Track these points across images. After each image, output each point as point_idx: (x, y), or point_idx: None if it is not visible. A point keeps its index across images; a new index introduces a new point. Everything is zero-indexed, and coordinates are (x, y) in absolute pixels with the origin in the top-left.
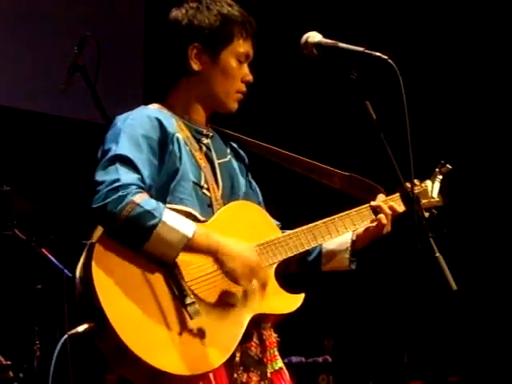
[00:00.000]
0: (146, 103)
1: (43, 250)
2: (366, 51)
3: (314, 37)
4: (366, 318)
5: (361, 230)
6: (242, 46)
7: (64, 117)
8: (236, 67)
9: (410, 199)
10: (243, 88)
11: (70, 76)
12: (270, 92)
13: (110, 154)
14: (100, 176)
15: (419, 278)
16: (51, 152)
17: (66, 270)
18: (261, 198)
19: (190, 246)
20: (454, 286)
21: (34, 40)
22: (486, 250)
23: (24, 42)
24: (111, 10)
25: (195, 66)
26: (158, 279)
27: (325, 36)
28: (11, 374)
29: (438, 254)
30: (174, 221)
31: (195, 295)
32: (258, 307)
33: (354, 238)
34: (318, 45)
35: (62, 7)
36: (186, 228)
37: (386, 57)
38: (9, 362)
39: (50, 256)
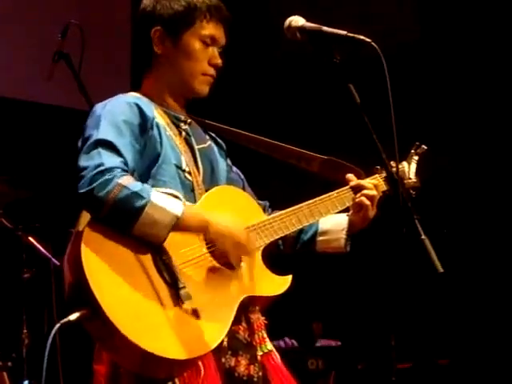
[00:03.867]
0: (134, 91)
1: (30, 239)
2: (349, 35)
3: (297, 21)
4: (353, 301)
5: (350, 214)
6: (207, 29)
7: (49, 104)
8: (199, 49)
9: (394, 181)
10: (211, 71)
11: (54, 63)
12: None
13: (92, 139)
14: (83, 161)
15: (406, 261)
16: (36, 140)
17: (53, 259)
18: (246, 183)
19: (180, 226)
20: (440, 269)
21: (18, 27)
22: (474, 230)
23: (8, 30)
24: None
25: (158, 50)
26: (148, 263)
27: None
28: (0, 363)
29: (423, 237)
30: (162, 201)
31: (186, 278)
32: (248, 289)
33: (351, 219)
34: (301, 29)
35: None
36: (175, 207)
37: (369, 40)
38: None
39: (37, 244)
